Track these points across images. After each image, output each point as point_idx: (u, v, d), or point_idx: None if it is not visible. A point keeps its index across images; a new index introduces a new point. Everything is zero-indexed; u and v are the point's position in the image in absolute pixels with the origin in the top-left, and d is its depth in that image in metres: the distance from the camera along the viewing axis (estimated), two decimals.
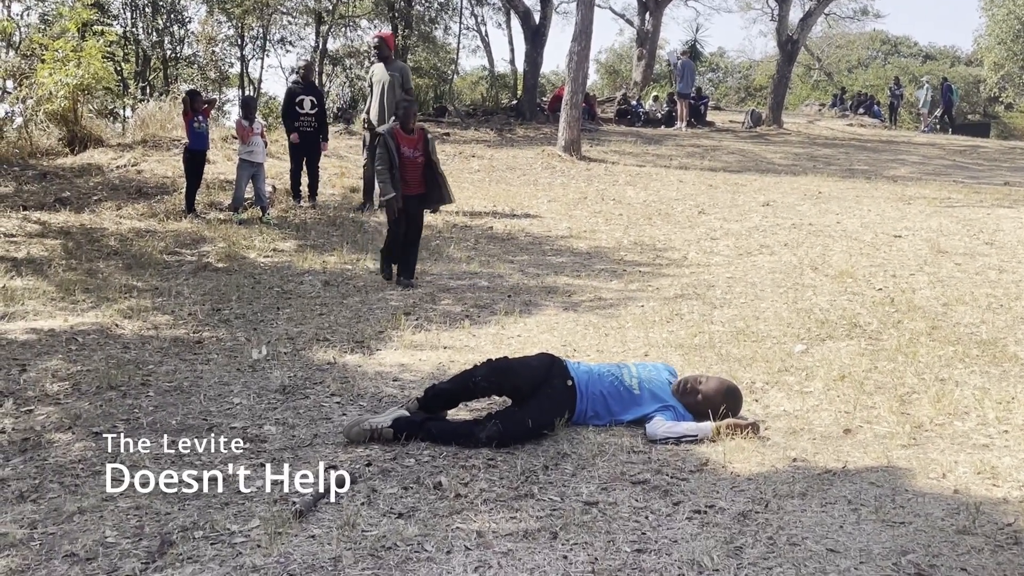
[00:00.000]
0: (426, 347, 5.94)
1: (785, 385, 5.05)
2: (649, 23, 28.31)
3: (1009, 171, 16.54)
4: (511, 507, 3.42)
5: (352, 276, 8.05)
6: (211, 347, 5.92)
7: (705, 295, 7.35)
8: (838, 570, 2.89)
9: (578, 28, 15.67)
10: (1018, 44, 36.08)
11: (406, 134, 7.70)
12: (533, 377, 4.34)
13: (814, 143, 20.53)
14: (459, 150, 16.44)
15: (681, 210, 11.59)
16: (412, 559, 2.98)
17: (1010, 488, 3.60)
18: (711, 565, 2.91)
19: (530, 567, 2.91)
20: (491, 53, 33.12)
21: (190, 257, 8.69)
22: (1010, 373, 5.16)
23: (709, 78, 45.96)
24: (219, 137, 14.37)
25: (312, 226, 10.28)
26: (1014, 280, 7.54)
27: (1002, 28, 36.27)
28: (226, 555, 3.02)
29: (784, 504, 3.44)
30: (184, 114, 10.82)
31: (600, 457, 3.98)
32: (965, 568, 2.90)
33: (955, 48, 50.70)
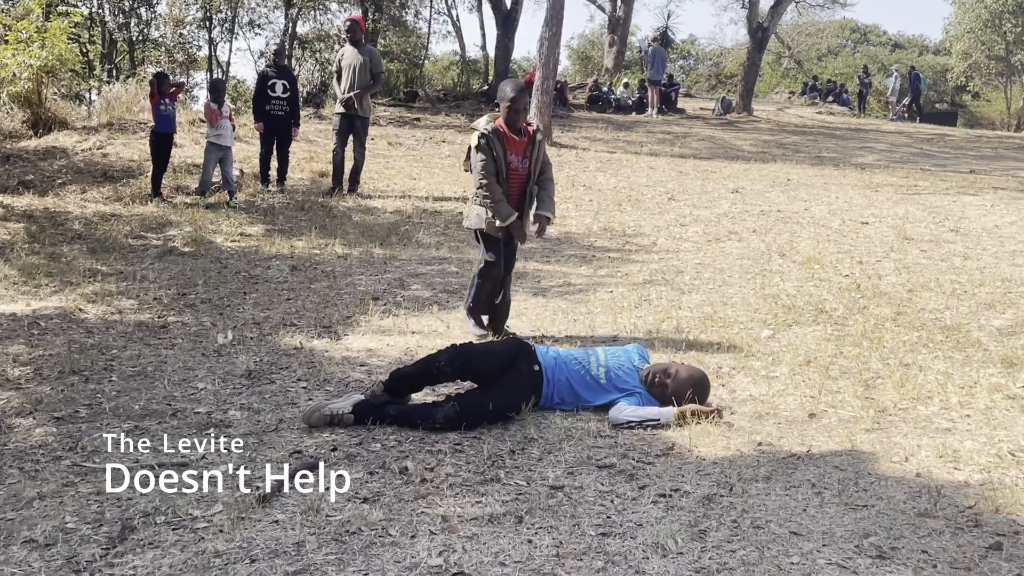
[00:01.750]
0: (394, 332, 5.91)
1: (751, 370, 5.08)
2: (621, 9, 28.30)
3: (975, 159, 16.71)
4: (477, 491, 3.41)
5: (320, 261, 8.00)
6: (176, 332, 5.85)
7: (674, 281, 7.37)
8: (801, 552, 2.91)
9: (549, 13, 15.60)
10: (986, 34, 36.43)
11: (514, 135, 5.62)
12: (498, 362, 4.33)
13: (783, 131, 20.63)
14: (430, 135, 16.35)
15: (651, 196, 11.60)
16: (376, 544, 2.96)
17: (971, 471, 3.64)
18: (675, 548, 2.92)
19: (495, 551, 2.91)
20: (462, 38, 33.09)
21: (156, 241, 8.59)
22: (973, 358, 5.22)
23: (680, 65, 46.06)
24: (187, 120, 14.19)
25: (280, 211, 10.19)
26: (978, 267, 7.62)
27: (971, 17, 36.59)
28: (188, 540, 2.99)
29: (749, 488, 3.46)
30: (150, 97, 10.67)
31: (567, 442, 3.98)
32: (926, 550, 2.93)
33: (924, 37, 51.27)
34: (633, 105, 22.99)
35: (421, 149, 15.19)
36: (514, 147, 5.60)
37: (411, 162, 13.98)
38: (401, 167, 13.47)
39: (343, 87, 10.86)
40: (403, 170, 13.23)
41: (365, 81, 10.81)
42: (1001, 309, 6.29)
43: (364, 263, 7.99)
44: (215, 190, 10.65)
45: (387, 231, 9.25)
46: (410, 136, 16.22)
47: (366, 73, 10.80)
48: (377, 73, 11.05)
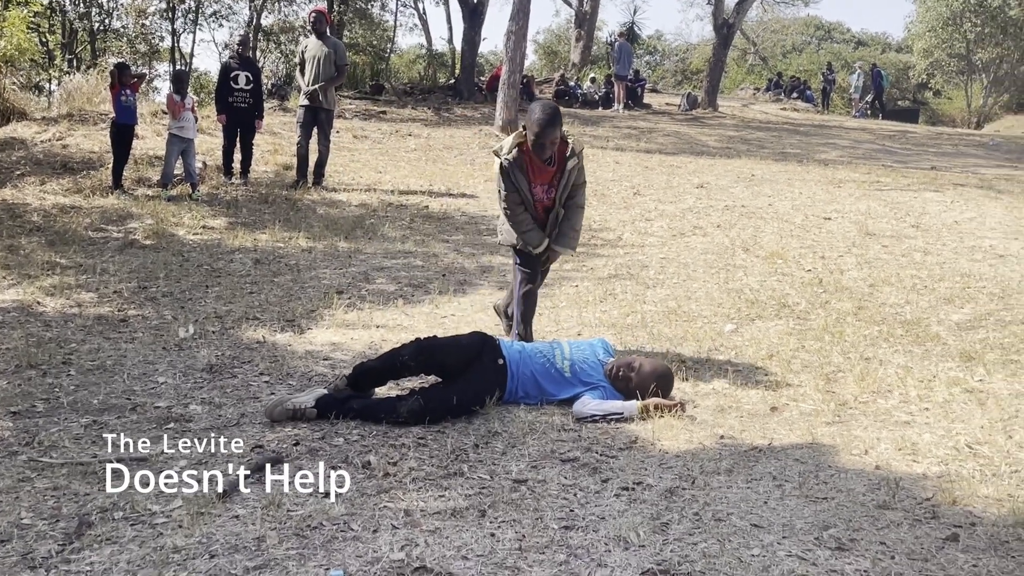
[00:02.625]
0: (358, 326, 5.88)
1: (715, 364, 5.11)
2: (587, 4, 28.35)
3: (936, 156, 16.91)
4: (440, 485, 3.40)
5: (284, 254, 7.93)
6: (136, 325, 5.79)
7: (639, 275, 7.39)
8: (761, 545, 2.93)
9: (516, 8, 15.58)
10: (947, 32, 36.86)
11: (542, 164, 5.03)
12: (462, 356, 4.33)
13: (748, 126, 20.75)
14: (396, 128, 16.28)
15: (616, 191, 11.62)
16: (338, 538, 2.94)
17: (929, 464, 3.68)
18: (637, 541, 2.93)
19: (457, 545, 2.90)
20: (429, 31, 33.01)
21: (116, 234, 8.48)
22: (932, 352, 5.29)
23: (646, 61, 46.22)
24: (148, 112, 14.03)
25: (243, 203, 10.10)
26: (938, 262, 7.71)
27: (932, 16, 37.00)
28: (146, 536, 2.95)
29: (711, 480, 3.48)
30: (111, 87, 10.52)
31: (531, 435, 3.98)
32: (884, 542, 2.96)
33: (886, 35, 51.76)
34: (599, 100, 23.04)
35: (387, 142, 15.13)
36: (539, 176, 5.07)
37: (377, 155, 13.91)
38: (367, 160, 13.40)
39: (307, 79, 10.78)
40: (369, 163, 13.17)
41: (329, 73, 10.74)
42: (960, 304, 6.37)
43: (328, 256, 7.94)
44: (177, 182, 10.53)
45: (352, 224, 9.20)
46: (376, 129, 16.14)
47: (330, 65, 10.73)
48: (341, 65, 10.99)
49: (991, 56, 37.24)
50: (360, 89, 22.34)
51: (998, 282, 6.97)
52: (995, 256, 7.98)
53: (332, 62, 10.75)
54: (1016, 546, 2.94)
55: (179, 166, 10.41)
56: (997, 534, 3.02)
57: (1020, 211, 10.38)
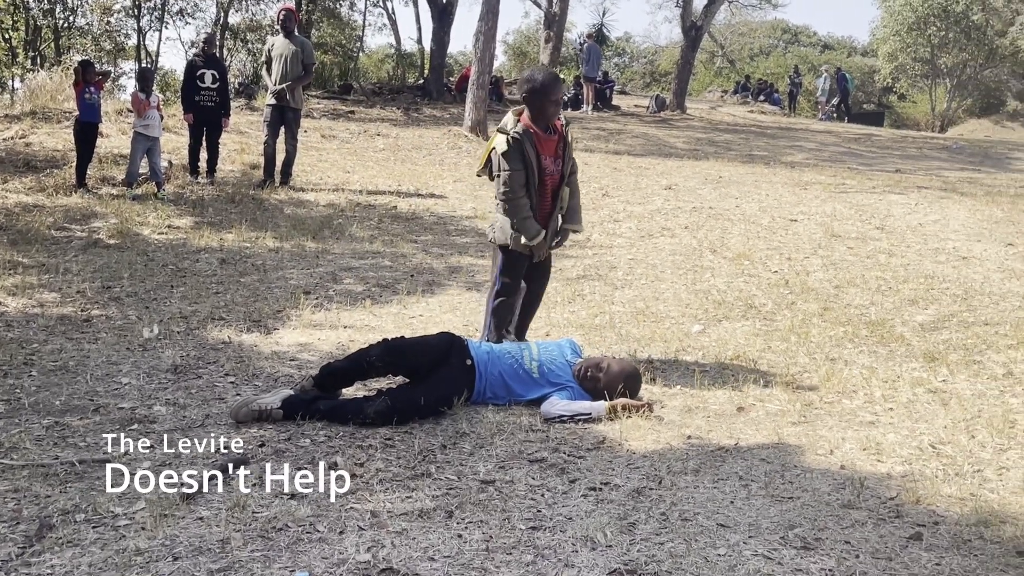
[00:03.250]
0: (325, 327, 5.85)
1: (682, 364, 5.13)
2: (556, 6, 28.35)
3: (900, 159, 17.10)
4: (407, 486, 3.39)
5: (251, 254, 7.87)
6: (100, 326, 5.71)
7: (607, 276, 7.41)
8: (727, 544, 2.94)
9: (485, 8, 15.57)
10: (911, 36, 37.29)
11: (544, 134, 4.93)
12: (430, 356, 4.31)
13: (716, 128, 20.88)
14: (364, 128, 16.22)
15: (585, 192, 11.53)
16: (304, 540, 2.92)
17: (893, 463, 3.71)
18: (604, 541, 2.93)
19: (424, 546, 2.89)
20: (398, 31, 32.74)
21: (80, 233, 8.37)
22: (896, 353, 5.34)
23: (615, 62, 46.37)
24: (113, 110, 13.88)
25: (210, 203, 10.01)
26: (902, 263, 7.80)
27: (897, 20, 37.42)
28: (108, 538, 2.91)
29: (678, 480, 3.49)
30: (75, 85, 10.39)
31: (499, 436, 3.97)
32: (848, 541, 2.98)
33: (852, 39, 52.29)
34: (568, 101, 23.06)
35: (355, 142, 15.06)
36: (546, 148, 4.90)
37: (345, 155, 13.85)
38: (335, 160, 13.34)
39: (274, 78, 10.71)
40: (337, 163, 13.10)
41: (297, 72, 10.68)
42: (924, 305, 6.44)
43: (296, 256, 7.88)
44: (142, 181, 10.42)
45: (320, 224, 9.14)
46: (344, 129, 16.06)
47: (298, 64, 10.67)
48: (309, 64, 10.93)
49: (955, 61, 37.72)
50: (328, 88, 22.26)
51: (961, 284, 7.06)
52: (958, 258, 8.08)
53: (299, 61, 10.69)
54: (978, 545, 2.97)
55: (144, 165, 10.29)
56: (960, 533, 3.05)
57: (983, 213, 10.53)
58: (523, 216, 4.89)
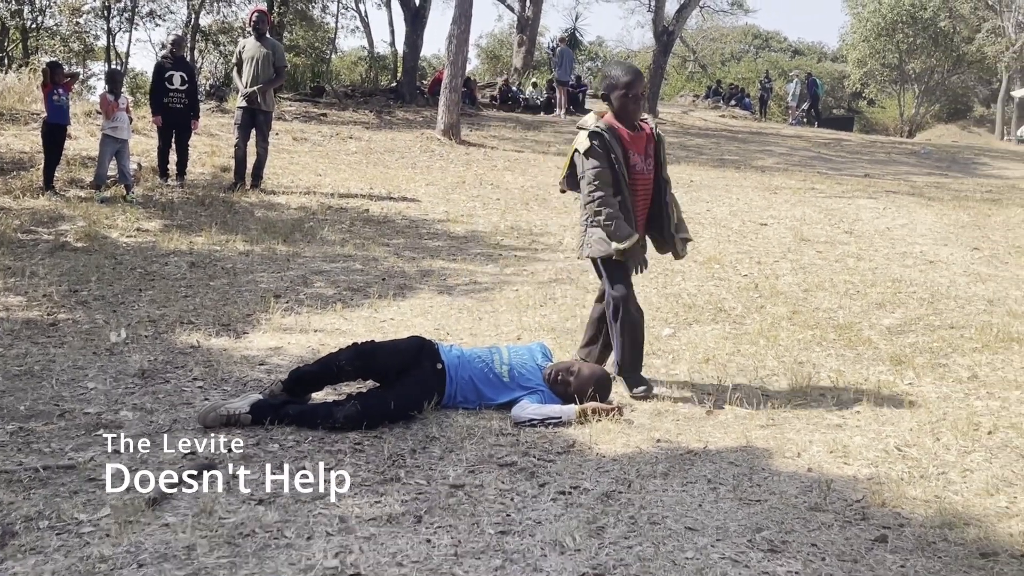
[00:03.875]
0: (296, 330, 5.82)
1: (652, 368, 5.15)
2: (529, 10, 28.42)
3: (869, 164, 17.27)
4: (376, 491, 3.37)
5: (221, 257, 7.81)
6: (66, 330, 5.65)
7: (579, 280, 7.42)
8: (696, 547, 2.95)
9: (458, 11, 15.57)
10: (880, 42, 37.73)
11: (628, 130, 4.60)
12: (400, 360, 4.29)
13: (687, 133, 20.99)
14: (336, 131, 16.15)
15: (558, 196, 11.65)
16: (271, 546, 2.90)
17: (860, 466, 3.75)
18: (573, 545, 2.93)
19: (392, 551, 2.88)
20: (371, 34, 32.64)
21: (47, 236, 8.28)
22: (864, 356, 5.39)
23: (588, 67, 46.43)
24: (82, 112, 13.74)
25: (179, 206, 9.92)
26: (870, 267, 7.87)
27: (866, 27, 37.86)
28: (72, 545, 2.88)
29: (647, 484, 3.50)
30: (43, 86, 10.28)
31: (469, 440, 3.96)
32: (815, 543, 3.01)
33: (822, 44, 52.78)
34: (541, 105, 23.11)
35: (327, 145, 15.00)
36: (635, 145, 4.57)
37: (317, 158, 13.79)
38: (306, 163, 13.27)
39: (245, 80, 10.64)
40: (308, 166, 13.04)
41: (268, 75, 10.63)
42: (891, 309, 6.51)
43: (266, 260, 7.84)
44: (111, 184, 10.32)
45: (291, 227, 9.10)
46: (316, 132, 15.99)
47: (269, 67, 10.62)
48: (280, 67, 10.88)
49: (923, 66, 38.21)
50: (300, 91, 22.15)
51: (928, 287, 7.14)
52: (925, 262, 8.17)
53: (271, 63, 10.64)
54: (943, 547, 3.01)
55: (113, 167, 10.20)
56: (924, 535, 3.08)
57: (949, 218, 10.65)
58: (615, 214, 4.45)
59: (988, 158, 19.93)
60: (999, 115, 38.97)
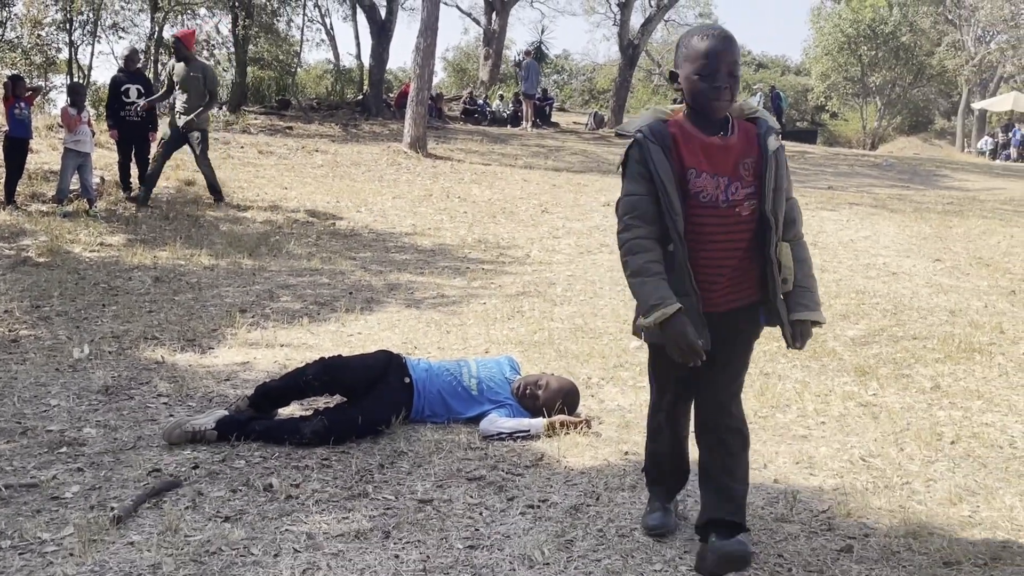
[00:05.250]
0: (262, 345, 5.78)
1: (620, 380, 5.16)
2: (496, 23, 28.55)
3: (833, 176, 17.47)
4: (344, 507, 3.35)
5: (185, 272, 7.75)
6: (28, 346, 5.57)
7: (546, 292, 7.44)
8: (663, 560, 2.96)
9: (424, 24, 15.60)
10: (843, 56, 38.24)
11: (703, 134, 2.80)
12: (367, 375, 4.27)
13: None
14: (302, 144, 16.10)
15: (525, 209, 11.70)
16: (237, 563, 2.87)
17: (825, 477, 3.78)
18: (542, 559, 2.93)
19: (360, 567, 2.86)
20: (336, 47, 32.76)
21: (8, 251, 8.17)
22: (828, 367, 5.44)
23: (554, 80, 46.59)
24: (43, 125, 13.63)
25: (143, 220, 9.84)
26: (834, 279, 7.95)
27: (828, 41, 38.36)
28: (35, 565, 2.83)
29: (615, 497, 3.51)
30: (4, 100, 10.19)
31: (437, 454, 3.95)
32: (781, 554, 3.02)
33: (785, 58, 53.30)
34: (508, 118, 23.20)
35: (293, 158, 14.94)
36: (709, 160, 2.79)
37: (282, 171, 13.73)
38: (272, 176, 13.21)
39: (179, 108, 10.53)
40: (274, 179, 12.98)
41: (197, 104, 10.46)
42: (855, 320, 6.58)
43: (232, 274, 7.78)
44: (73, 198, 10.22)
45: (256, 241, 9.05)
46: (282, 145, 15.93)
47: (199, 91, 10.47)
48: (213, 90, 10.70)
49: (885, 80, 38.75)
50: (266, 104, 22.06)
51: (891, 299, 7.22)
52: (888, 273, 8.27)
53: (199, 87, 10.48)
54: (907, 556, 3.03)
55: (75, 181, 10.09)
56: (889, 544, 3.11)
57: (912, 230, 10.80)
58: (641, 270, 2.78)
59: (949, 170, 20.25)
60: (959, 127, 39.68)
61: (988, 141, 32.81)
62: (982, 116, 37.25)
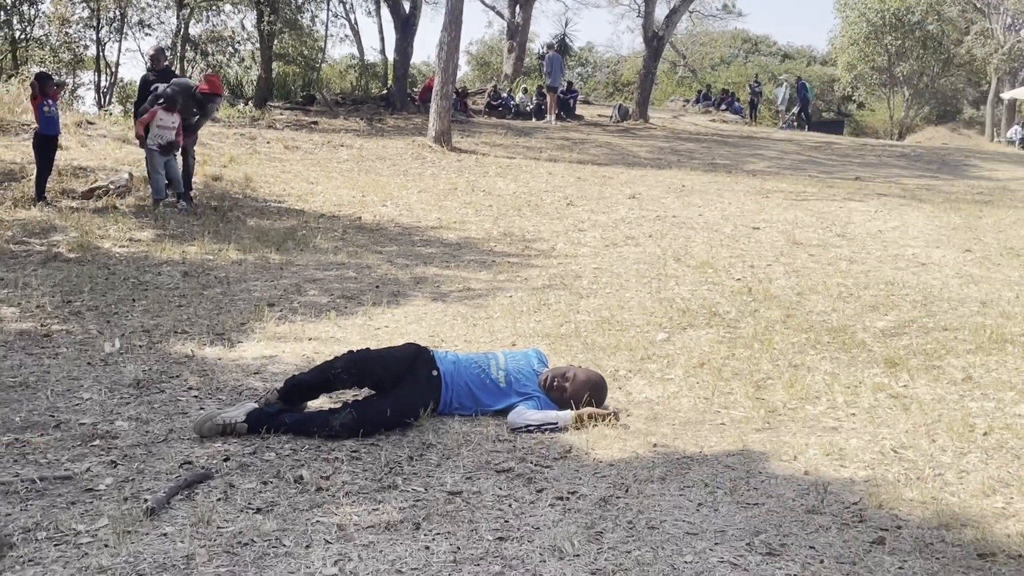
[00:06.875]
0: (290, 339, 5.80)
1: (647, 372, 5.15)
2: (519, 16, 28.52)
3: (860, 167, 17.32)
4: (374, 499, 3.37)
5: (213, 267, 7.80)
6: (60, 340, 5.63)
7: (572, 285, 7.43)
8: (694, 551, 2.96)
9: (448, 18, 15.60)
10: (869, 45, 37.88)
11: None
12: (395, 367, 4.29)
13: (678, 138, 21.04)
14: (328, 139, 16.16)
15: (550, 202, 11.68)
16: (269, 554, 2.90)
17: (856, 468, 3.75)
18: (572, 551, 2.93)
19: (391, 559, 2.88)
20: (361, 42, 32.81)
21: (39, 247, 8.25)
22: (858, 359, 5.40)
23: (578, 72, 46.57)
24: (72, 122, 13.74)
25: (171, 216, 9.91)
26: (863, 270, 7.89)
27: (855, 30, 38.00)
28: (71, 556, 2.87)
29: (644, 488, 3.50)
30: (32, 98, 10.28)
31: (465, 447, 3.96)
32: (813, 546, 3.01)
33: (811, 48, 52.85)
34: (532, 111, 23.16)
35: (319, 153, 15.00)
36: None
37: (308, 166, 13.79)
38: (298, 171, 13.27)
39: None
40: (300, 174, 13.03)
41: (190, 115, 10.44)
42: (884, 311, 6.53)
43: (259, 269, 7.83)
44: (103, 193, 10.30)
45: (283, 236, 9.09)
46: (307, 140, 16.00)
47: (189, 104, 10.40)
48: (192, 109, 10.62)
49: (912, 69, 38.36)
50: (291, 99, 22.16)
51: (920, 290, 7.16)
52: (917, 264, 8.20)
53: (191, 100, 10.41)
54: (940, 548, 3.01)
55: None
56: (922, 536, 3.09)
57: (941, 220, 10.69)
58: None
59: (978, 160, 20.01)
60: (988, 117, 39.18)
61: (1018, 130, 32.33)
62: (1011, 105, 36.72)
